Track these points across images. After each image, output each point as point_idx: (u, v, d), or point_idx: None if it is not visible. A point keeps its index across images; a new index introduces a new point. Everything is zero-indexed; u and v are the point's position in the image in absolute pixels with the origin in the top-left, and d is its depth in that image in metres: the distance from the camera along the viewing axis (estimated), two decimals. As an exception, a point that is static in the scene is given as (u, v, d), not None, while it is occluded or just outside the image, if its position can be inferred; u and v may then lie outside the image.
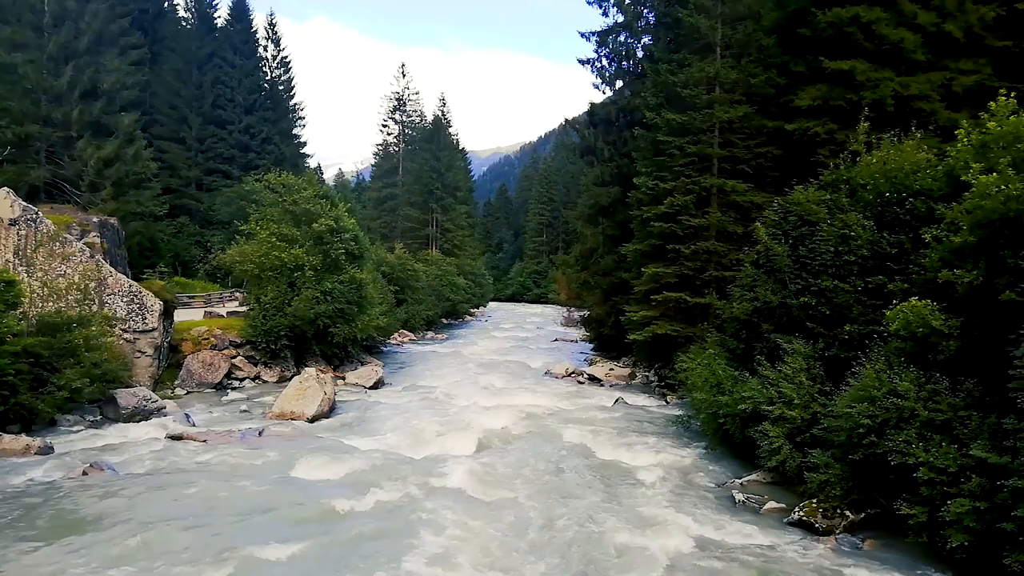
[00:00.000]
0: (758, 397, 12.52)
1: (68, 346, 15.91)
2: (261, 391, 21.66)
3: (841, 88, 17.60)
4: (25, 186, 26.90)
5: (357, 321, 25.47)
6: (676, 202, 20.86)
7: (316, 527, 9.92)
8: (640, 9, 29.73)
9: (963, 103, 16.79)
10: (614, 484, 12.67)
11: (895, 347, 10.57)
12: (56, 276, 18.35)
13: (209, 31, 48.93)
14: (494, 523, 10.43)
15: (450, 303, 54.24)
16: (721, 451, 14.77)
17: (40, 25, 29.22)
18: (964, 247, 9.78)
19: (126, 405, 16.70)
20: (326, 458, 13.56)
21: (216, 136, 46.36)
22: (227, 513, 10.37)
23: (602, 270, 30.04)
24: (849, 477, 10.46)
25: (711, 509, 11.40)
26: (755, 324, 14.31)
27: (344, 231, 26.09)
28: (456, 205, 67.95)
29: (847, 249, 12.40)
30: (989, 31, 17.49)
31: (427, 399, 21.32)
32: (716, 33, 22.21)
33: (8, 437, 13.42)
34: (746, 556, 9.45)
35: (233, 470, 12.75)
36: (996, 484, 8.11)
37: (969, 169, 9.98)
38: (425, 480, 12.34)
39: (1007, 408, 8.56)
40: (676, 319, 21.26)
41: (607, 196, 29.51)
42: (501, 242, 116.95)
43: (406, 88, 70.72)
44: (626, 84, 31.07)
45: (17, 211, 18.63)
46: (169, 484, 11.67)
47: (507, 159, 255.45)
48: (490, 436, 16.08)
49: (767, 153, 20.73)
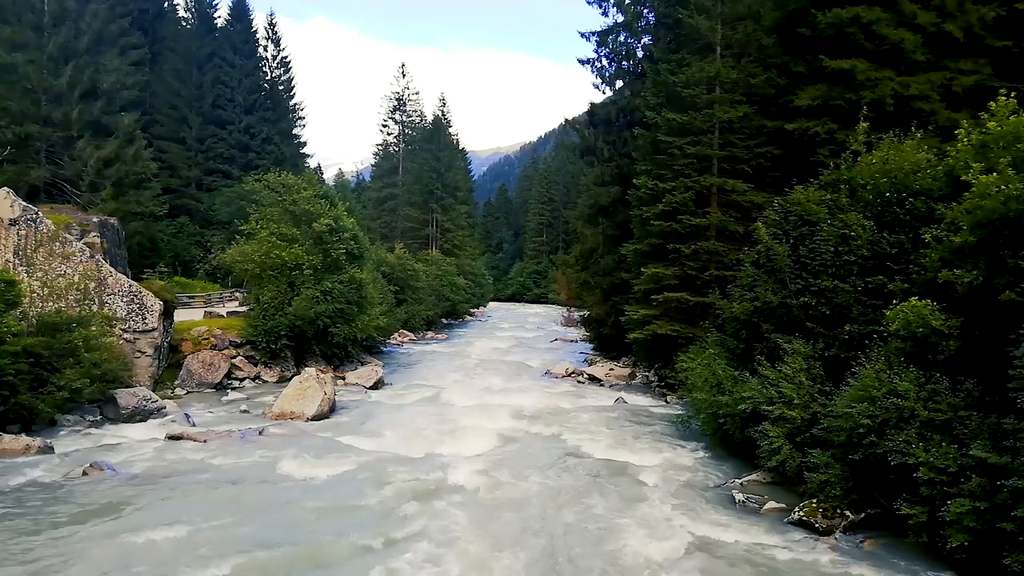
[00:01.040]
0: (758, 397, 12.52)
1: (68, 346, 15.89)
2: (261, 391, 21.65)
3: (841, 88, 17.60)
4: (25, 186, 26.90)
5: (357, 321, 25.48)
6: (676, 201, 20.86)
7: (316, 527, 9.92)
8: (640, 9, 29.73)
9: (963, 103, 16.79)
10: (614, 484, 12.66)
11: (895, 347, 10.57)
12: (56, 276, 18.34)
13: (209, 31, 48.91)
14: (494, 523, 10.44)
15: (450, 303, 54.24)
16: (721, 451, 14.76)
17: (40, 25, 29.23)
18: (964, 247, 9.77)
19: (126, 405, 16.69)
20: (326, 458, 13.57)
21: (216, 136, 46.35)
22: (227, 513, 10.37)
23: (602, 270, 30.04)
24: (849, 477, 10.46)
25: (711, 509, 11.40)
26: (755, 324, 14.31)
27: (344, 231, 26.10)
28: (456, 205, 67.95)
29: (847, 249, 12.39)
30: (989, 31, 17.49)
31: (427, 399, 21.33)
32: (716, 33, 22.22)
33: (8, 437, 13.42)
34: (746, 556, 9.44)
35: (233, 470, 12.76)
36: (996, 484, 8.11)
37: (969, 169, 9.97)
38: (425, 480, 12.35)
39: (1007, 408, 8.56)
40: (676, 319, 21.27)
41: (607, 196, 29.51)
42: (501, 242, 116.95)
43: (406, 88, 70.84)
44: (626, 84, 31.08)
45: (17, 211, 18.63)
46: (169, 484, 11.68)
47: (507, 159, 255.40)
48: (490, 436, 16.06)
49: (767, 153, 20.74)
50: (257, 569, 8.56)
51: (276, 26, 52.18)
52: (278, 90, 51.98)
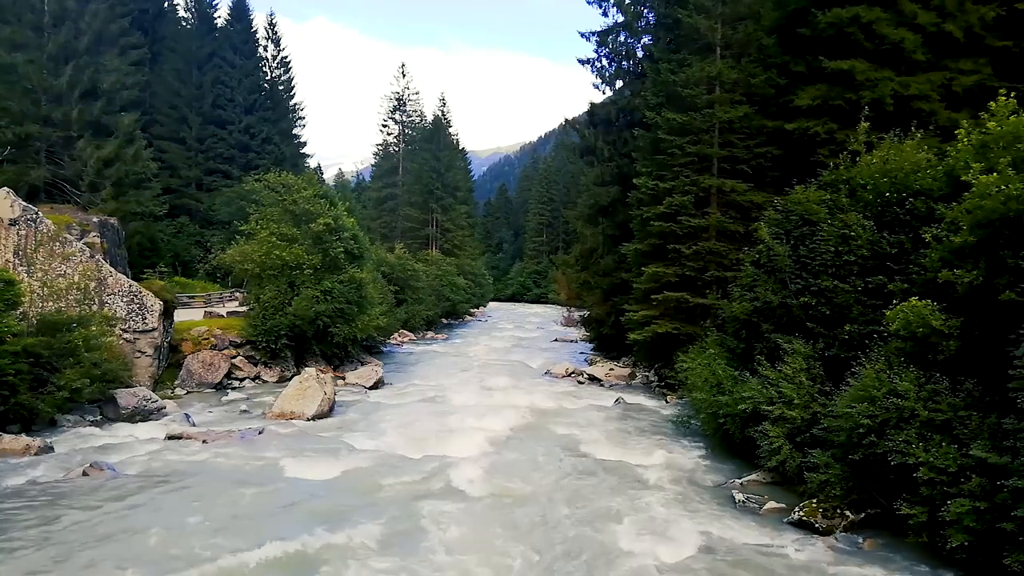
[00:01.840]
0: (758, 397, 12.52)
1: (68, 346, 15.89)
2: (261, 391, 21.65)
3: (841, 88, 17.60)
4: (25, 186, 26.90)
5: (357, 321, 25.47)
6: (676, 202, 20.87)
7: (316, 527, 9.90)
8: (640, 9, 29.71)
9: (963, 103, 16.78)
10: (614, 484, 12.66)
11: (895, 347, 10.57)
12: (56, 276, 18.35)
13: (209, 31, 48.95)
14: (494, 523, 10.43)
15: (450, 303, 54.24)
16: (721, 451, 14.76)
17: (40, 25, 29.23)
18: (964, 247, 9.77)
19: (126, 405, 16.69)
20: (326, 458, 13.57)
21: (216, 136, 46.38)
22: (227, 513, 10.37)
23: (602, 270, 30.04)
24: (849, 477, 10.46)
25: (711, 509, 11.39)
26: (755, 324, 14.31)
27: (343, 230, 26.09)
28: (456, 205, 67.97)
29: (847, 249, 12.39)
30: (989, 31, 17.49)
31: (427, 399, 21.32)
32: (716, 33, 22.22)
33: (8, 437, 13.42)
34: (746, 556, 9.44)
35: (233, 470, 12.75)
36: (996, 484, 8.11)
37: (969, 169, 9.97)
38: (425, 480, 12.35)
39: (1007, 408, 8.56)
40: (676, 319, 21.26)
41: (607, 196, 29.51)
42: (501, 242, 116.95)
43: (406, 88, 70.84)
44: (626, 84, 31.06)
45: (17, 211, 18.63)
46: (169, 484, 11.68)
47: (507, 159, 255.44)
48: (490, 436, 16.05)
49: (767, 153, 20.73)
50: (257, 569, 8.56)
51: (276, 26, 52.33)
52: (278, 90, 52.03)
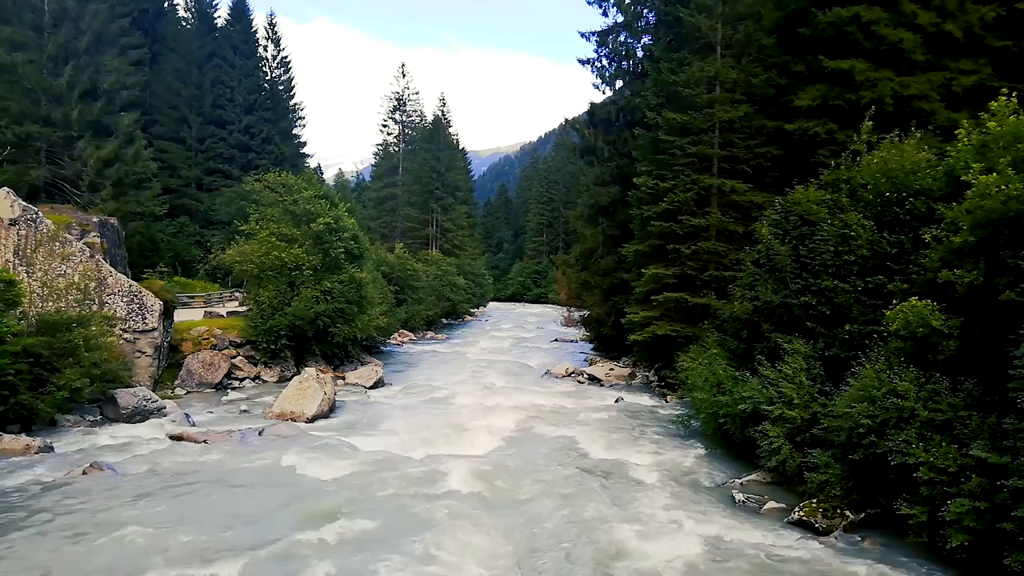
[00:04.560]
0: (758, 397, 12.52)
1: (68, 346, 15.87)
2: (261, 391, 21.65)
3: (841, 88, 17.60)
4: (25, 186, 26.90)
5: (357, 321, 25.46)
6: (676, 201, 20.86)
7: (316, 527, 9.90)
8: (640, 9, 29.71)
9: (963, 103, 16.79)
10: (614, 484, 12.66)
11: (895, 347, 10.57)
12: (56, 276, 18.32)
13: (209, 31, 48.95)
14: (494, 523, 10.43)
15: (450, 303, 54.22)
16: (721, 451, 14.77)
17: (40, 25, 29.25)
18: (964, 247, 9.77)
19: (126, 405, 16.68)
20: (326, 458, 13.57)
21: (216, 136, 46.39)
22: (226, 513, 10.37)
23: (602, 270, 30.02)
24: (849, 477, 10.46)
25: (711, 509, 11.39)
26: (755, 324, 14.32)
27: (343, 230, 26.09)
28: (456, 205, 67.97)
29: (847, 249, 12.39)
30: (989, 31, 17.50)
31: (427, 399, 21.32)
32: (716, 33, 22.22)
33: (8, 437, 13.42)
34: (746, 556, 9.44)
35: (233, 470, 12.76)
36: (996, 484, 8.11)
37: (969, 169, 9.98)
38: (425, 480, 12.34)
39: (1007, 408, 8.56)
40: (676, 319, 21.27)
41: (607, 196, 29.50)
42: (501, 242, 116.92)
43: (406, 88, 70.78)
44: (626, 84, 31.05)
45: (17, 211, 18.63)
46: (169, 484, 11.68)
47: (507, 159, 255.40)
48: (490, 436, 16.06)
49: (767, 153, 20.73)
50: (257, 569, 8.55)
51: (276, 26, 52.33)
52: (278, 90, 52.02)
